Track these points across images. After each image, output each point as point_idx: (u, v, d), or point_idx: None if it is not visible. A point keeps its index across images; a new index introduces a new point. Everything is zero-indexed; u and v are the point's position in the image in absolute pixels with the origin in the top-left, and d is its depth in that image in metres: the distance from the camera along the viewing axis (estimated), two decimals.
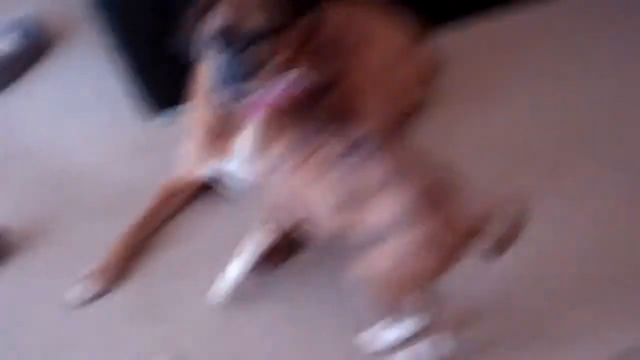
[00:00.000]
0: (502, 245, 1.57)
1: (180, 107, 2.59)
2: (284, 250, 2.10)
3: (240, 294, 2.05)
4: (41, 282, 2.20)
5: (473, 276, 1.79)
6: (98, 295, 2.12)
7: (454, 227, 1.54)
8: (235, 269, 2.01)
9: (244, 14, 1.94)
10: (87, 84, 2.94)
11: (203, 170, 2.32)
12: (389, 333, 1.89)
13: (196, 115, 2.26)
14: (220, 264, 2.06)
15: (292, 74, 1.79)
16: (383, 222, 1.58)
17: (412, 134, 2.47)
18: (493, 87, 2.65)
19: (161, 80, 2.64)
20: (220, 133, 2.21)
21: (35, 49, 3.11)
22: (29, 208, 2.42)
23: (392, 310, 1.80)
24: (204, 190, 2.38)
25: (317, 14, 2.06)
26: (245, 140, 2.18)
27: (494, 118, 2.53)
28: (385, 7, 2.55)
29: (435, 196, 1.56)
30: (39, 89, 2.95)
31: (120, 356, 1.99)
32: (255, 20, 1.94)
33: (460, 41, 2.81)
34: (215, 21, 1.97)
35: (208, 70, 2.08)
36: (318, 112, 1.77)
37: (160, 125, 2.67)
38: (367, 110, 2.23)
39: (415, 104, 2.54)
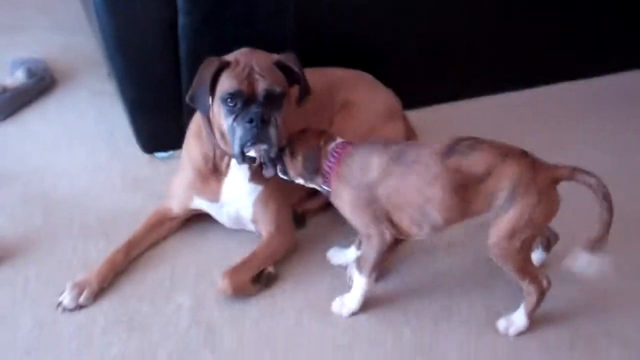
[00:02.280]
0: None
1: (174, 149, 2.75)
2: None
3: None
4: (31, 287, 2.27)
5: None
6: (81, 305, 2.20)
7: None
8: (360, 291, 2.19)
9: (253, 81, 2.12)
10: (86, 120, 3.10)
11: (191, 205, 2.46)
12: None
13: (187, 157, 2.42)
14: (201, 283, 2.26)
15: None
16: (500, 199, 1.94)
17: None
18: None
19: (159, 123, 2.79)
20: (208, 176, 2.37)
21: (39, 86, 3.25)
22: (22, 226, 2.51)
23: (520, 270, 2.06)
24: (193, 217, 2.52)
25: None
26: (232, 184, 2.36)
27: None
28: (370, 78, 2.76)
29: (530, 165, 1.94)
30: (39, 121, 3.08)
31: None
32: (264, 85, 2.12)
33: (445, 118, 3.10)
34: (226, 84, 2.13)
35: (203, 120, 2.27)
36: None
37: (156, 161, 2.83)
38: None
39: None
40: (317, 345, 2.10)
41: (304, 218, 2.55)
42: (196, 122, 2.39)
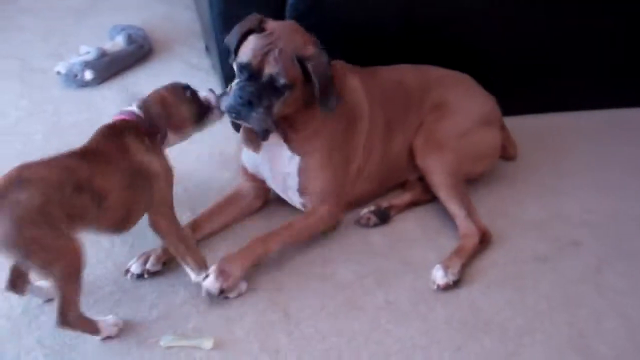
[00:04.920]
0: None
1: None
2: None
3: None
4: (115, 251, 2.31)
5: None
6: (148, 271, 2.21)
7: None
8: None
9: (265, 61, 2.15)
10: None
11: (243, 159, 2.49)
12: None
13: None
14: None
15: None
16: None
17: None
18: (561, 174, 2.81)
19: None
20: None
21: (137, 53, 3.31)
22: None
23: None
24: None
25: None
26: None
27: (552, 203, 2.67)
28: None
29: None
30: (134, 88, 3.12)
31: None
32: (270, 70, 2.15)
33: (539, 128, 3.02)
34: (244, 50, 2.19)
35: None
36: None
37: None
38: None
39: (481, 173, 2.66)
40: (394, 345, 2.06)
41: (388, 214, 2.51)
42: None
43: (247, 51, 2.18)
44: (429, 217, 2.52)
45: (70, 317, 1.89)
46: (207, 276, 2.12)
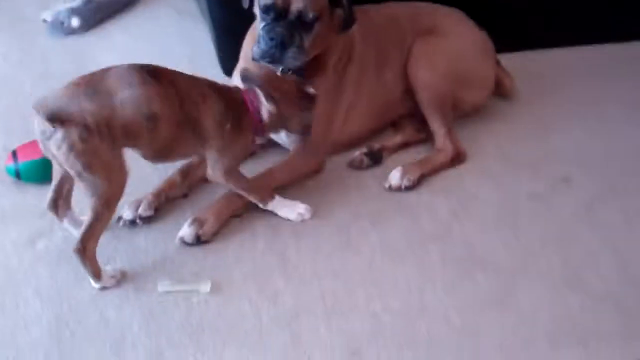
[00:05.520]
0: None
1: None
2: None
3: None
4: None
5: None
6: (141, 216, 2.20)
7: None
8: None
9: None
10: (168, 38, 3.10)
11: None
12: None
13: (244, 45, 2.43)
14: None
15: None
16: None
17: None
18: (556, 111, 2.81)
19: (241, 43, 2.74)
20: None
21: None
22: None
23: None
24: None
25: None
26: None
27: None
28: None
29: None
30: (122, 35, 3.10)
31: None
32: (298, 5, 2.13)
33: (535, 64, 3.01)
34: None
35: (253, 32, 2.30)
36: None
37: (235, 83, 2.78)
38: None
39: (473, 104, 2.65)
40: (390, 284, 2.08)
41: (380, 155, 2.50)
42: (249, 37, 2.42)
43: None
44: (422, 158, 2.51)
45: (89, 247, 1.92)
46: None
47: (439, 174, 2.46)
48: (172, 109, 1.95)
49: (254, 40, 2.26)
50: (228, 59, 2.77)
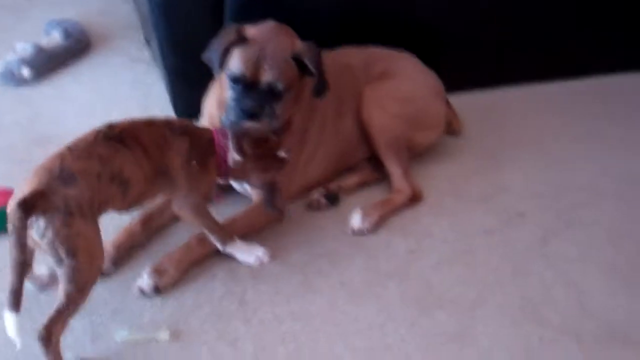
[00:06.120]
0: None
1: None
2: None
3: None
4: None
5: None
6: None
7: None
8: None
9: (260, 69, 2.13)
10: (121, 86, 3.09)
11: None
12: None
13: (205, 101, 2.44)
14: None
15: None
16: None
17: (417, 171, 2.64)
18: (506, 148, 2.86)
19: (198, 92, 2.70)
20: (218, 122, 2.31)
21: (75, 48, 3.24)
22: None
23: None
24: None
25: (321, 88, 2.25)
26: None
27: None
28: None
29: None
30: (74, 84, 3.08)
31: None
32: (268, 77, 2.13)
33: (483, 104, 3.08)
34: (234, 62, 2.15)
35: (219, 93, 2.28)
36: None
37: None
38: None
39: (426, 145, 2.68)
40: (351, 324, 2.08)
41: (337, 196, 2.52)
42: (213, 91, 2.42)
43: (237, 63, 2.14)
44: (378, 197, 2.53)
45: (55, 333, 1.80)
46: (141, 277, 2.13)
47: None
48: (141, 167, 1.94)
49: (217, 100, 2.28)
50: (181, 103, 2.79)
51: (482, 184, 2.65)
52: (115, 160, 1.89)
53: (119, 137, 1.93)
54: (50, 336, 1.79)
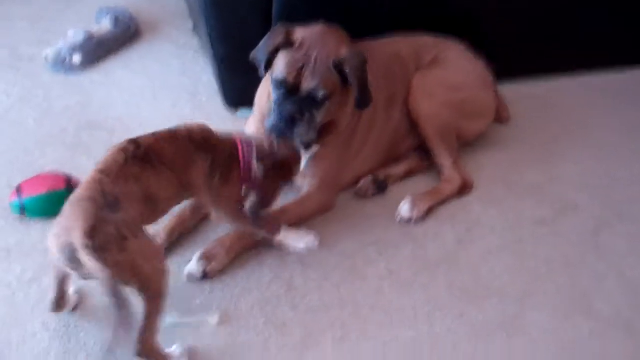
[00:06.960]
0: None
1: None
2: None
3: None
4: None
5: None
6: None
7: None
8: None
9: (302, 76, 2.14)
10: (170, 73, 3.11)
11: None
12: None
13: (257, 97, 2.45)
14: None
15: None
16: None
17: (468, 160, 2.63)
18: (557, 138, 2.83)
19: (245, 81, 2.70)
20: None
21: (124, 35, 3.27)
22: None
23: None
24: None
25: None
26: None
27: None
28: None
29: None
30: (123, 71, 3.10)
31: None
32: (309, 85, 2.14)
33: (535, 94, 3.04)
34: (279, 66, 2.17)
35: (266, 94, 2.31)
36: None
37: (236, 118, 2.82)
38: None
39: (475, 134, 2.66)
40: (398, 313, 2.08)
41: (385, 183, 2.51)
42: (262, 89, 2.43)
43: (281, 67, 2.16)
44: (426, 186, 2.51)
45: (151, 344, 1.81)
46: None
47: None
48: (168, 183, 1.95)
49: (268, 94, 2.29)
50: (230, 92, 2.80)
51: (533, 173, 2.62)
52: (146, 178, 1.89)
53: (146, 156, 1.92)
54: (150, 349, 1.81)
